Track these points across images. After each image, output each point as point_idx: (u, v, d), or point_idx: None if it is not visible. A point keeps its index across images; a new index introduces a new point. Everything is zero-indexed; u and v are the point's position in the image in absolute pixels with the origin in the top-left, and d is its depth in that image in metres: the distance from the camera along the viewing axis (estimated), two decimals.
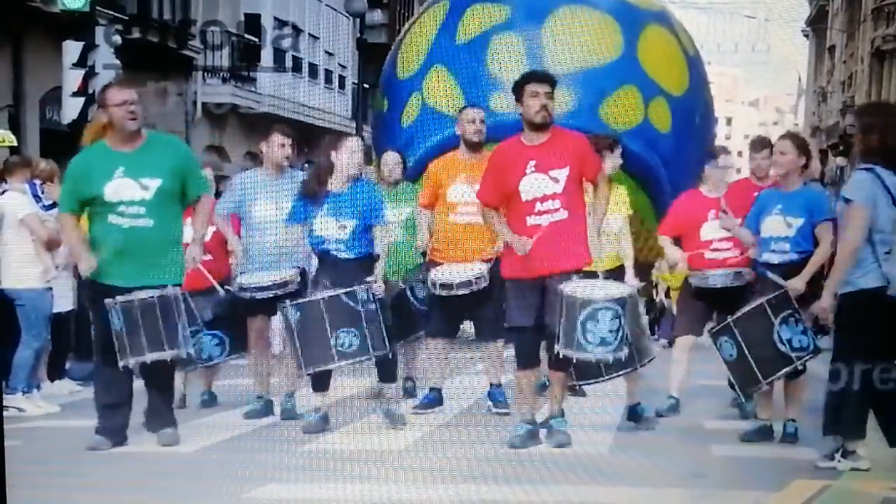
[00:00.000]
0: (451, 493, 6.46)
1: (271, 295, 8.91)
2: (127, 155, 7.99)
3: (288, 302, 8.39)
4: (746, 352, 8.28)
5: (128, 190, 7.90)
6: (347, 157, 8.86)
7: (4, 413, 9.67)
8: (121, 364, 7.88)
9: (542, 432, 7.98)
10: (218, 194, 9.91)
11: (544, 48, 13.03)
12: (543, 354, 8.15)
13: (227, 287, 9.22)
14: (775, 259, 8.54)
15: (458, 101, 13.01)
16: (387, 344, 8.52)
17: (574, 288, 7.71)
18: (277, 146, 9.28)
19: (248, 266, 9.17)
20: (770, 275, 8.42)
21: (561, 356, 7.77)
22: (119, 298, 7.85)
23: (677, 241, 9.76)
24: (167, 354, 7.94)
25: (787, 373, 8.39)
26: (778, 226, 8.51)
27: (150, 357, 7.88)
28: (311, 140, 26.20)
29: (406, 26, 16.84)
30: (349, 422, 8.74)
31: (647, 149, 13.47)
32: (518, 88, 8.00)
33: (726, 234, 9.22)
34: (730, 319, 8.41)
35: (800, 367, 8.37)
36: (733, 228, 8.97)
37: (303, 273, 9.15)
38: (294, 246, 9.07)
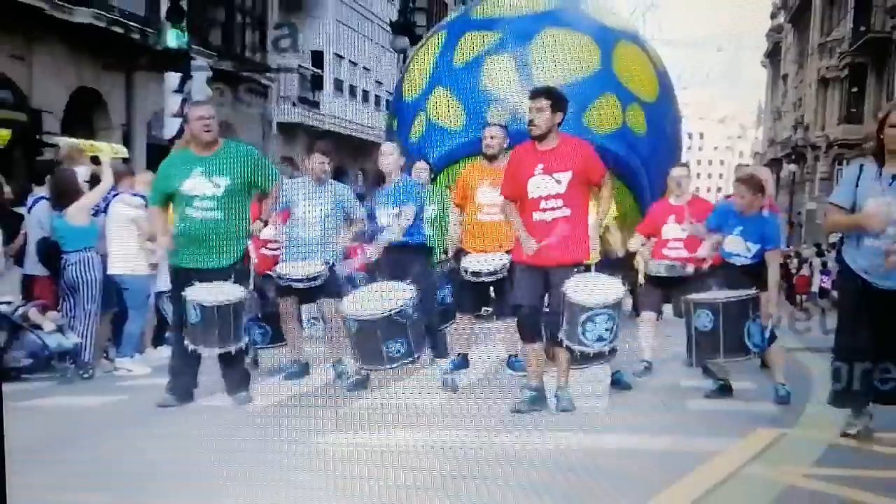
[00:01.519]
0: (478, 439, 6.34)
1: (304, 286, 8.84)
2: (204, 158, 7.95)
3: (348, 315, 8.22)
4: (720, 330, 8.12)
5: (201, 186, 7.87)
6: (383, 158, 9.08)
7: (116, 372, 9.77)
8: (191, 348, 7.89)
9: (550, 399, 7.72)
10: None
11: (532, 66, 12.66)
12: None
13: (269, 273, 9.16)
14: (738, 262, 8.52)
15: (459, 117, 12.85)
16: (426, 340, 8.49)
17: (575, 290, 7.46)
18: (317, 163, 9.14)
19: (286, 256, 9.04)
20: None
21: (564, 343, 7.56)
22: (197, 298, 7.81)
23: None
24: (230, 348, 7.92)
25: (740, 360, 8.35)
26: (739, 245, 8.48)
27: (216, 351, 7.91)
28: (363, 151, 26.43)
29: (410, 55, 16.50)
30: (393, 381, 8.66)
31: (629, 151, 13.13)
32: None
33: (680, 235, 9.31)
34: (720, 299, 8.23)
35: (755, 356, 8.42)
36: (699, 234, 8.94)
37: (331, 268, 8.95)
38: (328, 244, 8.95)
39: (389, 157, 9.10)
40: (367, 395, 8.26)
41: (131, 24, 20.87)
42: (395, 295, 8.28)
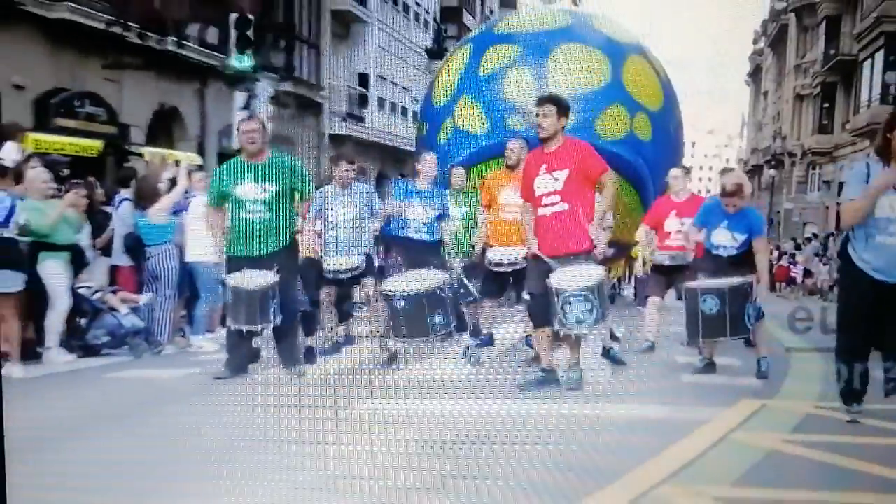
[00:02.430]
0: (498, 406, 6.33)
1: (346, 277, 8.82)
2: (254, 166, 7.92)
3: (397, 293, 8.10)
4: (726, 312, 7.93)
5: (252, 192, 7.86)
6: (427, 167, 9.06)
7: (190, 348, 9.75)
8: (231, 326, 7.88)
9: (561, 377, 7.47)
10: None
11: (549, 78, 12.32)
12: None
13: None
14: (724, 253, 8.31)
15: (482, 123, 12.63)
16: (456, 314, 8.44)
17: (554, 277, 7.21)
18: (343, 170, 9.08)
19: (328, 253, 8.95)
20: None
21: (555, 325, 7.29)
22: (234, 284, 7.78)
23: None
24: (257, 327, 7.87)
25: (742, 337, 8.20)
26: (726, 238, 8.28)
27: (245, 327, 7.84)
28: (402, 159, 26.39)
29: (439, 65, 16.13)
30: (424, 356, 8.58)
31: (635, 155, 12.82)
32: None
33: (680, 228, 9.09)
34: (725, 286, 8.00)
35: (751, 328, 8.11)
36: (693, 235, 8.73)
37: (368, 256, 8.96)
38: (361, 237, 8.95)
39: (431, 165, 9.09)
40: (406, 368, 8.19)
41: (206, 51, 20.96)
42: (433, 276, 8.25)
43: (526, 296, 8.25)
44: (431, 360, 8.36)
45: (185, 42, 20.29)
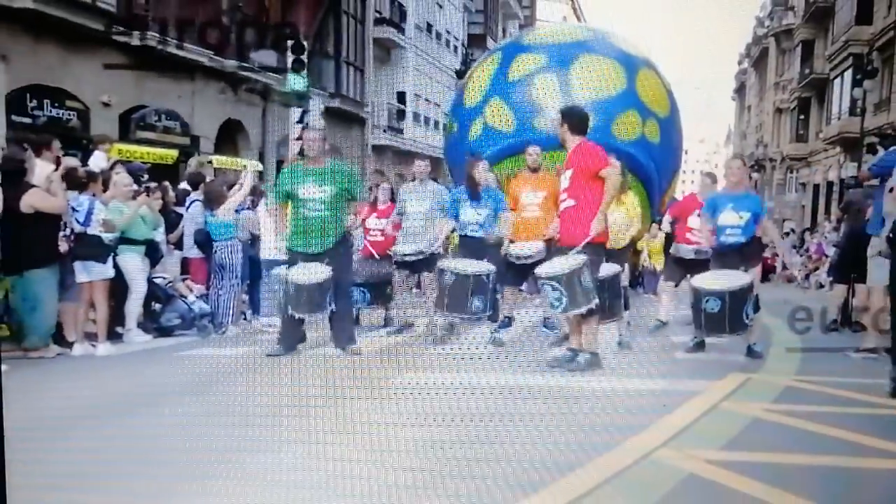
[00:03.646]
0: (518, 378, 6.30)
1: (413, 259, 8.99)
2: (314, 170, 7.86)
3: (449, 271, 8.09)
4: (727, 311, 7.64)
5: (312, 192, 7.80)
6: (479, 173, 8.88)
7: (259, 332, 9.70)
8: (290, 313, 7.76)
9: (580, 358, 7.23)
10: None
11: (571, 84, 12.06)
12: None
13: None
14: (731, 241, 8.02)
15: (510, 123, 12.41)
16: (495, 304, 8.37)
17: (540, 266, 7.18)
18: (420, 169, 9.49)
19: (401, 241, 9.19)
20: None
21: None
22: (293, 278, 7.71)
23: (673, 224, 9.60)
24: (316, 316, 7.82)
25: (741, 334, 7.82)
26: (732, 217, 8.01)
27: (306, 316, 7.79)
28: (434, 165, 26.39)
29: (470, 70, 15.87)
30: (457, 338, 8.52)
31: (646, 156, 12.56)
32: None
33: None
34: (726, 289, 7.67)
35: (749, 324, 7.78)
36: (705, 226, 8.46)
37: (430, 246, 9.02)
38: (429, 230, 9.02)
39: (485, 172, 9.01)
40: (444, 347, 8.13)
41: (266, 71, 21.03)
42: (483, 265, 8.24)
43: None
44: (461, 339, 8.34)
45: (247, 65, 20.32)
